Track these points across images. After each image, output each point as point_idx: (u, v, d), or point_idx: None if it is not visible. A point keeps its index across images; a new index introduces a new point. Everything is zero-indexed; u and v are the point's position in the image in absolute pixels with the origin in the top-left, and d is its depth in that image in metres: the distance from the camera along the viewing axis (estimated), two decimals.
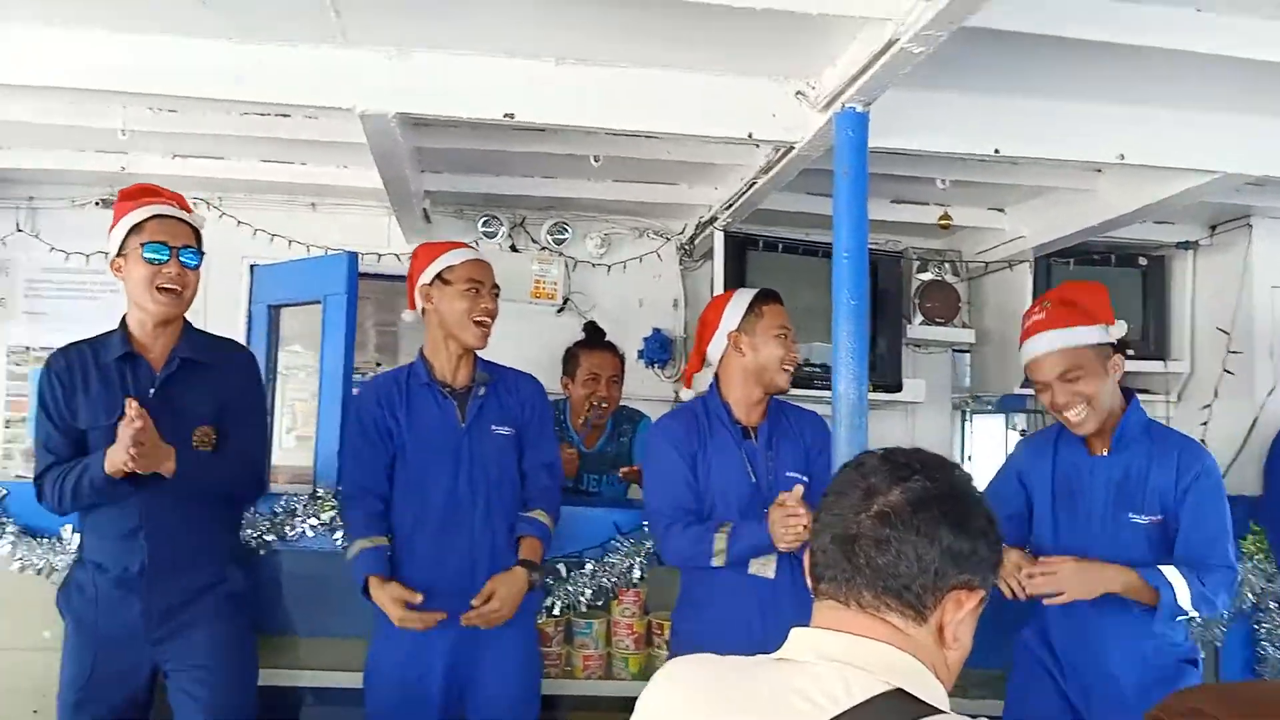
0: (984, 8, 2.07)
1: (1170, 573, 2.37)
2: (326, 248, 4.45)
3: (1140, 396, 4.04)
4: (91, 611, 2.42)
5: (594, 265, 4.67)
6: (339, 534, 3.01)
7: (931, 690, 1.16)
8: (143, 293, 2.41)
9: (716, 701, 1.18)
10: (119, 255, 2.44)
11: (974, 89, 2.88)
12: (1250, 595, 3.20)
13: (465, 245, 2.84)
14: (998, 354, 4.59)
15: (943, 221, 4.08)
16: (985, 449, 6.63)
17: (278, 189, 4.34)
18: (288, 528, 3.08)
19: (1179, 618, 2.44)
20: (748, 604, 2.55)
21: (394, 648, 2.61)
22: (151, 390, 2.43)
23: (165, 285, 2.41)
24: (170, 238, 2.43)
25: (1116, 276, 4.35)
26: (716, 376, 2.76)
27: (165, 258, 2.41)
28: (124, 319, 2.50)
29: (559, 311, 4.62)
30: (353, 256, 3.96)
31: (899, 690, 1.11)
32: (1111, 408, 2.54)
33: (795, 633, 1.24)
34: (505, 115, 2.79)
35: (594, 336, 4.16)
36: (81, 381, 2.43)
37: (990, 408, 5.44)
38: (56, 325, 4.43)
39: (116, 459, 2.25)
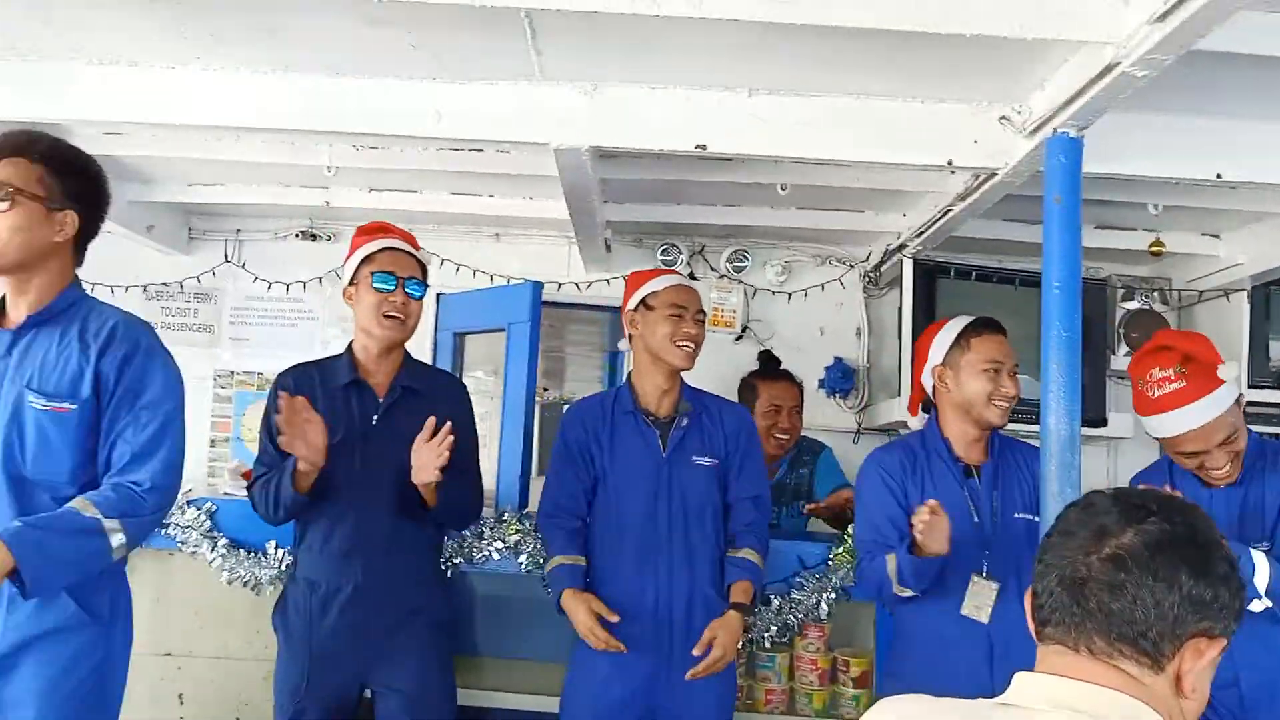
0: (1214, 30, 1.95)
1: (1256, 554, 2.29)
2: (509, 277, 4.58)
3: None
4: (304, 628, 2.51)
5: (774, 293, 4.63)
6: (524, 556, 3.06)
7: None
8: (370, 319, 2.54)
9: None
10: (351, 284, 2.60)
11: (1195, 111, 2.73)
12: None
13: (671, 271, 2.87)
14: None
15: (1154, 248, 3.85)
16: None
17: (464, 220, 4.49)
18: (475, 550, 3.13)
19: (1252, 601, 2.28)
20: (971, 649, 2.42)
21: (591, 675, 2.62)
22: (375, 417, 2.55)
23: (390, 313, 2.53)
24: (398, 269, 2.56)
25: None
26: (935, 409, 2.65)
27: (392, 287, 2.53)
28: (350, 346, 2.63)
29: (737, 340, 4.60)
30: (537, 286, 4.05)
31: None
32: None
33: (1020, 678, 1.19)
34: (697, 147, 2.80)
35: (769, 366, 4.11)
36: (310, 400, 2.50)
37: None
38: (258, 351, 4.76)
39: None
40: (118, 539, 1.91)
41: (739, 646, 2.70)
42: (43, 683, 1.94)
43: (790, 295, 4.62)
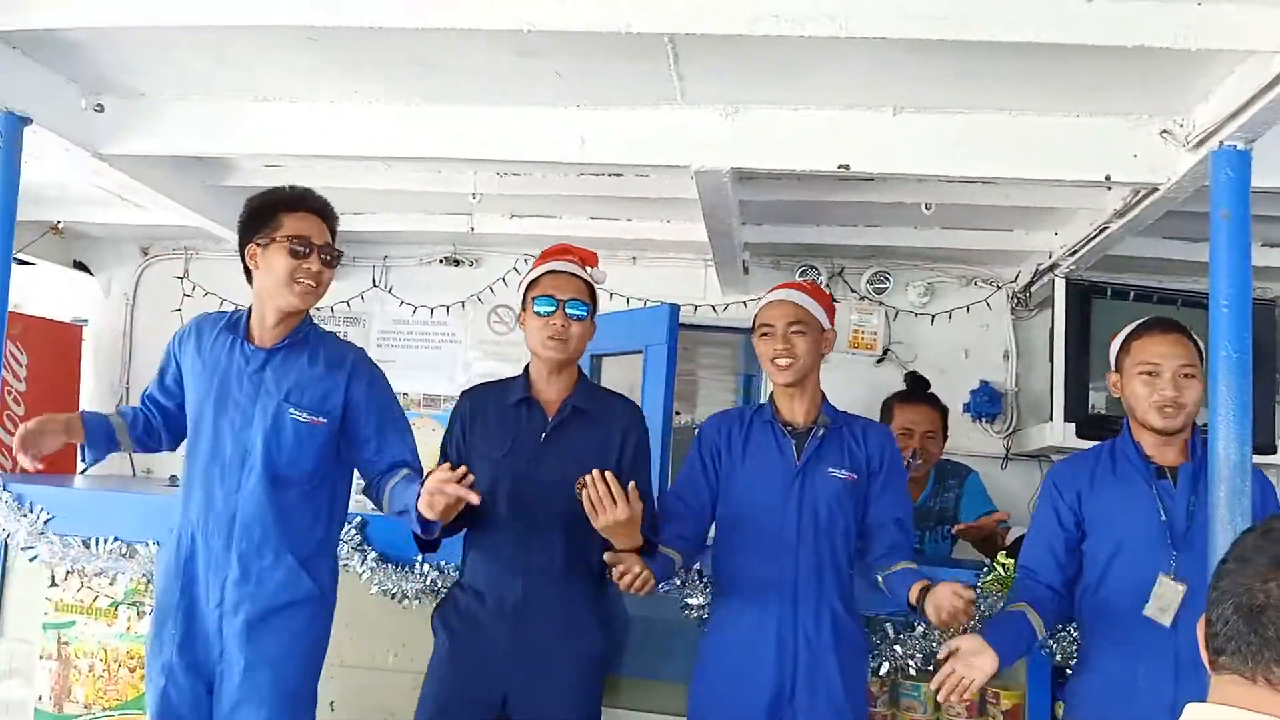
0: None
1: None
2: (645, 300, 4.62)
3: None
4: (466, 632, 2.55)
5: (916, 314, 4.54)
6: None
7: None
8: (535, 342, 2.58)
9: None
10: (522, 310, 2.64)
11: None
12: None
13: (777, 286, 2.77)
14: None
15: None
16: None
17: (602, 244, 4.50)
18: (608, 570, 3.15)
19: None
20: (1156, 658, 2.33)
21: (714, 690, 2.59)
22: (544, 435, 2.57)
23: (551, 335, 2.54)
24: (558, 291, 2.56)
25: None
26: (1128, 416, 2.57)
27: (553, 309, 2.54)
28: (526, 366, 2.68)
29: (878, 362, 4.52)
30: (674, 309, 4.08)
31: None
32: None
33: (1192, 709, 1.14)
34: (840, 166, 2.79)
35: (913, 388, 4.00)
36: (483, 415, 2.61)
37: None
38: (404, 373, 4.89)
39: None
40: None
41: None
42: (282, 647, 2.41)
43: (934, 317, 4.52)
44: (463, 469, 2.26)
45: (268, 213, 2.41)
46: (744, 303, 4.64)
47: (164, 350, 2.60)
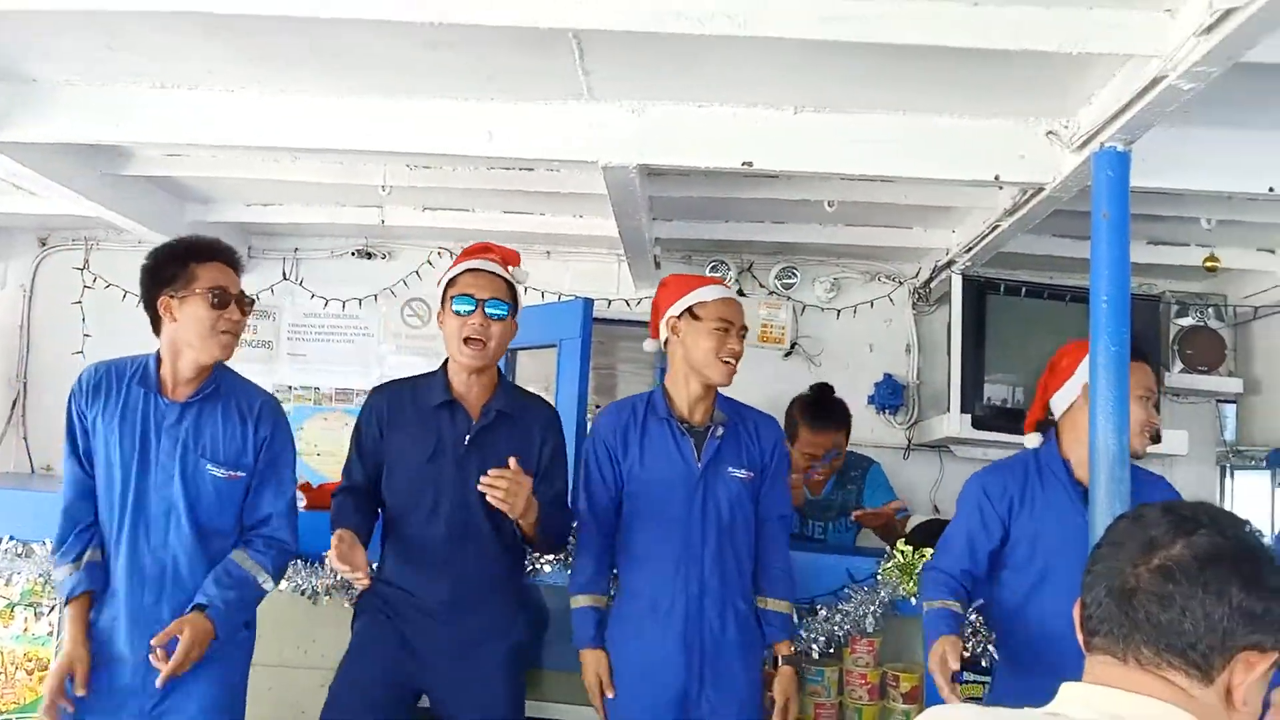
0: (1261, 42, 1.95)
1: None
2: (559, 294, 4.65)
3: None
4: (391, 617, 2.55)
5: (823, 309, 4.65)
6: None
7: None
8: (453, 343, 2.55)
9: None
10: (441, 309, 2.61)
11: (1245, 124, 2.71)
12: None
13: (719, 282, 2.78)
14: (1269, 405, 4.24)
15: (1209, 264, 3.80)
16: (1249, 509, 6.07)
17: (516, 238, 4.51)
18: (526, 562, 3.16)
19: None
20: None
21: (624, 690, 2.61)
22: (467, 438, 2.55)
23: (470, 335, 2.51)
24: (478, 290, 2.53)
25: None
26: (1057, 429, 2.59)
27: (471, 308, 2.51)
28: (444, 365, 2.65)
29: (786, 356, 4.61)
30: (588, 302, 4.11)
31: None
32: None
33: (1067, 687, 1.19)
34: (744, 164, 2.83)
35: (819, 407, 3.89)
36: (402, 416, 2.58)
37: (1255, 464, 4.98)
38: (315, 366, 4.88)
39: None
40: (269, 586, 2.45)
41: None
42: (211, 683, 2.38)
43: (839, 312, 4.63)
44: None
45: (178, 264, 2.35)
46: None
47: (66, 417, 2.44)
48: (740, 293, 4.60)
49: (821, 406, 3.89)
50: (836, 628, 3.03)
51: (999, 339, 3.91)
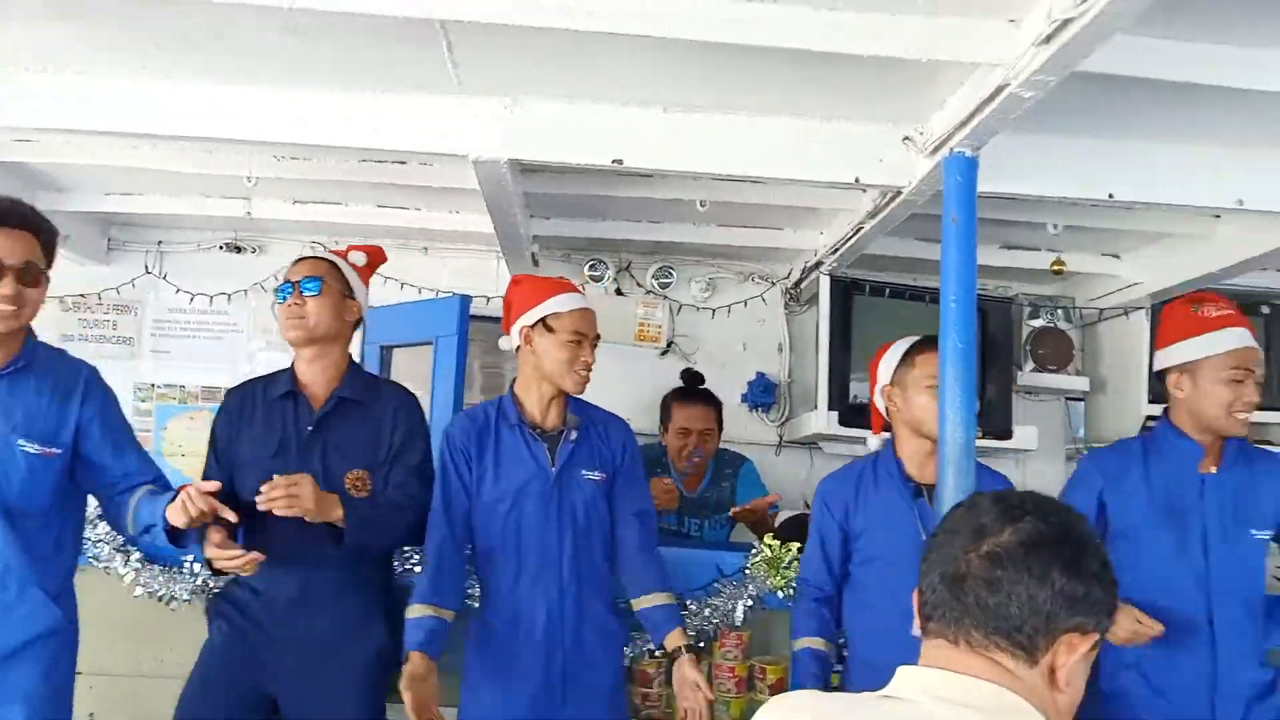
0: (1096, 52, 2.05)
1: None
2: (437, 290, 4.60)
3: (1267, 448, 3.83)
4: (239, 621, 2.50)
5: (698, 309, 4.71)
6: None
7: None
8: (282, 329, 2.57)
9: None
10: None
11: (1087, 133, 2.83)
12: None
13: (573, 289, 2.78)
14: (1113, 403, 4.46)
15: (1056, 267, 4.00)
16: None
17: (392, 233, 4.48)
18: (395, 562, 3.11)
19: None
20: None
21: (479, 698, 2.59)
22: (310, 428, 2.52)
23: (287, 316, 2.54)
24: (293, 274, 2.58)
25: None
26: (891, 430, 2.69)
27: (289, 292, 2.55)
28: (293, 360, 2.64)
29: (662, 354, 4.66)
30: (465, 299, 4.09)
31: None
32: None
33: (902, 671, 1.23)
34: (614, 161, 2.85)
35: (689, 386, 4.13)
36: (250, 415, 2.56)
37: None
38: (180, 363, 4.71)
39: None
40: None
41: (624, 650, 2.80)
42: (35, 681, 2.26)
43: (714, 311, 4.70)
44: (215, 485, 2.27)
45: None
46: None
47: None
48: (618, 291, 4.64)
49: (689, 385, 4.09)
50: (706, 622, 3.08)
51: (864, 338, 4.03)
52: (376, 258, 2.84)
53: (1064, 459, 4.64)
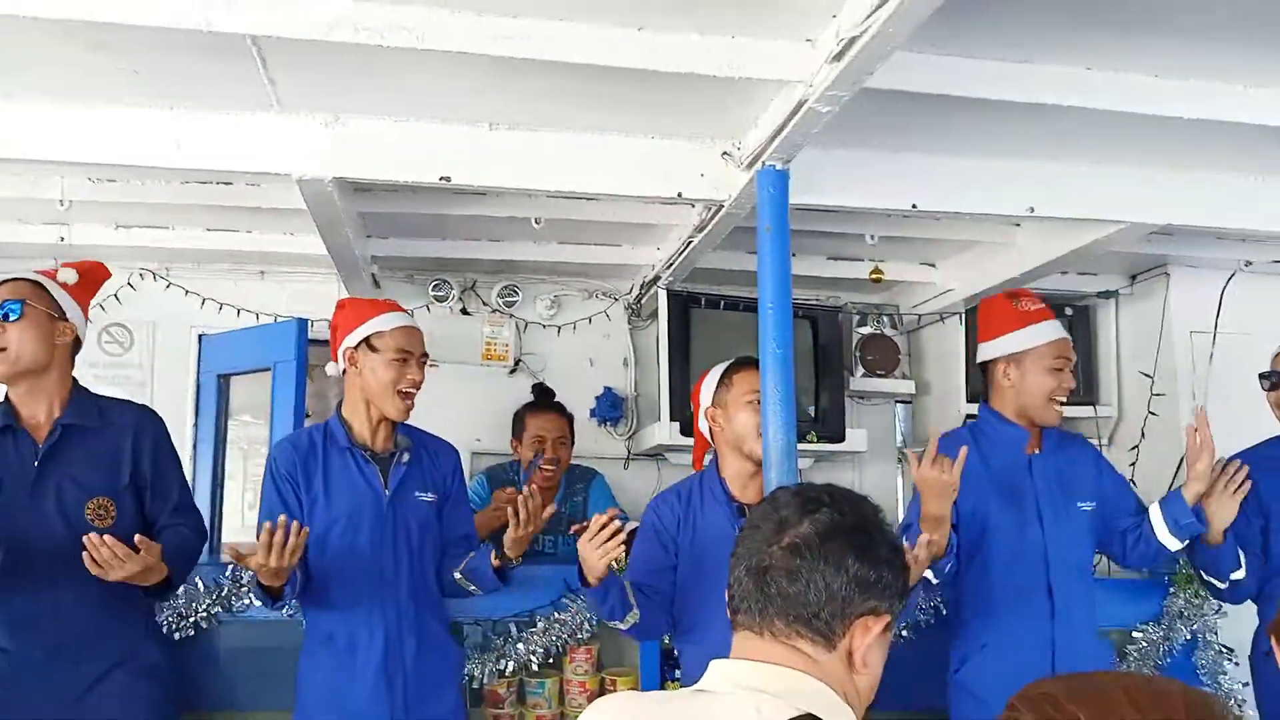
0: (881, 68, 2.18)
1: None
2: (276, 315, 4.49)
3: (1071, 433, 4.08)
4: None
5: (544, 326, 4.73)
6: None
7: (841, 714, 1.20)
8: None
9: None
10: None
11: (890, 147, 3.00)
12: (1186, 632, 3.24)
13: (395, 307, 2.78)
14: (937, 404, 4.69)
15: (874, 276, 4.20)
16: None
17: (225, 257, 4.38)
18: (234, 599, 2.98)
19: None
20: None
21: None
22: (35, 463, 2.35)
23: None
24: None
25: None
26: (716, 453, 2.75)
27: None
28: (6, 393, 2.44)
29: (511, 373, 4.65)
30: (302, 323, 4.01)
31: (809, 715, 1.15)
32: None
33: (714, 664, 1.27)
34: (441, 179, 2.86)
35: (541, 399, 4.18)
36: None
37: None
38: None
39: None
40: None
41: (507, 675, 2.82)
42: None
43: (560, 328, 4.73)
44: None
45: None
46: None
47: None
48: (464, 311, 4.63)
49: (541, 394, 4.17)
50: (555, 638, 3.10)
51: (703, 349, 4.14)
52: (94, 273, 2.70)
53: (894, 460, 4.86)
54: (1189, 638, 3.13)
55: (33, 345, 2.39)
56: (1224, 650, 3.22)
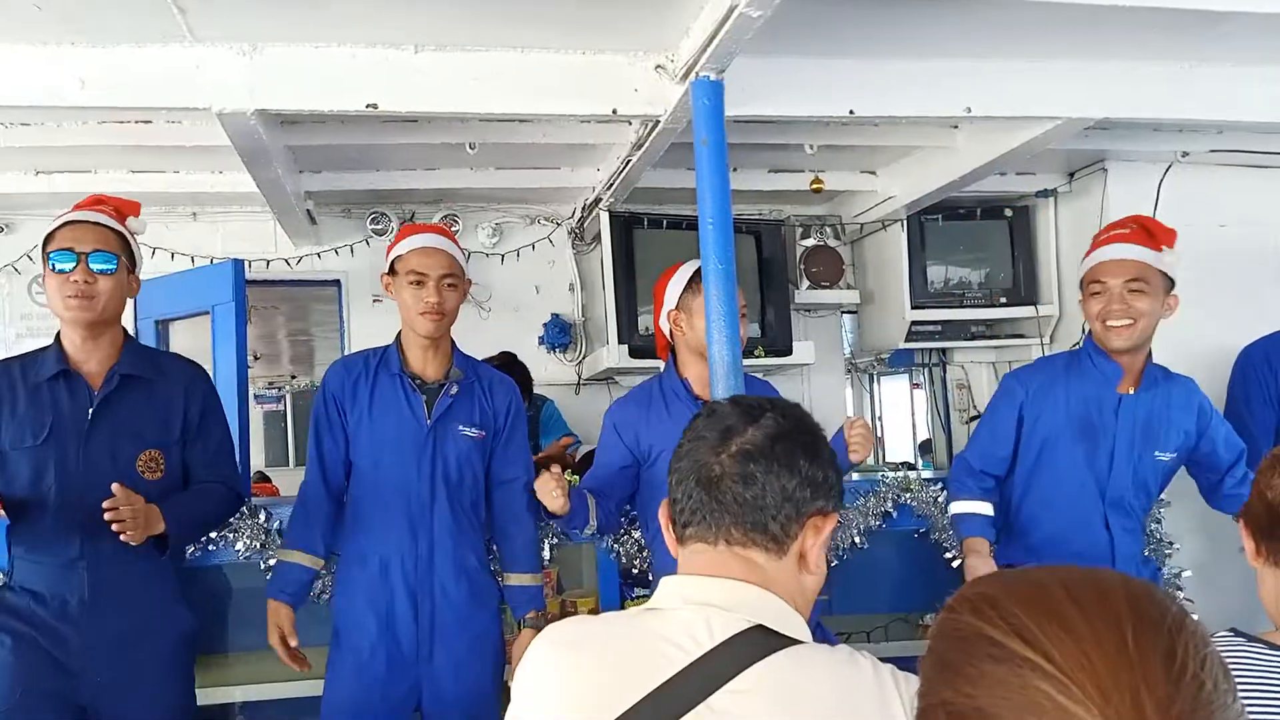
0: None
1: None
2: (211, 257, 4.39)
3: (1015, 341, 4.17)
4: (28, 635, 2.28)
5: (488, 255, 4.67)
6: (240, 545, 2.90)
7: (790, 622, 1.20)
8: (56, 304, 2.30)
9: (593, 659, 1.21)
10: (43, 274, 2.33)
11: (827, 53, 2.95)
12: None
13: (427, 229, 2.67)
14: (881, 313, 4.71)
15: (815, 186, 4.17)
16: (893, 408, 6.89)
17: (154, 200, 4.20)
18: (207, 542, 2.94)
19: None
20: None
21: (353, 656, 2.53)
22: (90, 411, 2.31)
23: (72, 294, 2.27)
24: (78, 243, 2.29)
25: (985, 228, 4.53)
26: (673, 352, 2.74)
27: (72, 264, 2.27)
28: (57, 336, 2.37)
29: None
30: (238, 264, 3.92)
31: (759, 626, 1.16)
32: (1147, 343, 2.65)
33: (664, 581, 1.27)
34: (368, 106, 2.79)
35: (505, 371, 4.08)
36: (10, 399, 2.31)
37: (886, 367, 5.60)
38: None
39: None
40: None
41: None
42: None
43: (504, 256, 4.68)
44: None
45: None
46: (318, 254, 4.56)
47: None
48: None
49: (507, 367, 3.96)
50: None
51: (648, 270, 4.12)
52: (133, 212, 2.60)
53: (842, 370, 4.91)
54: None
55: (118, 297, 2.35)
56: (1165, 541, 3.30)
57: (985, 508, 2.75)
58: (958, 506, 2.81)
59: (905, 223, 4.36)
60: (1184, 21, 2.73)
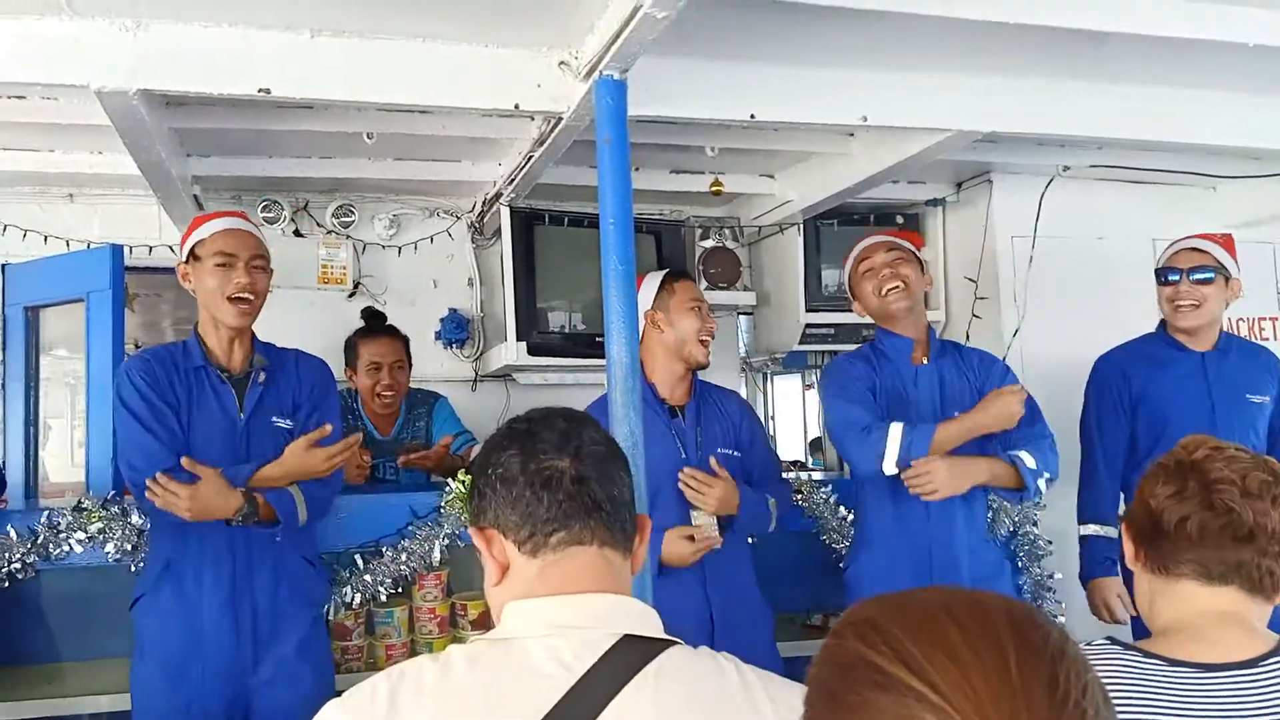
0: None
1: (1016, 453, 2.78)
2: (89, 241, 4.21)
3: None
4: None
5: (384, 247, 4.58)
6: (110, 545, 2.81)
7: (650, 622, 1.18)
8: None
9: (459, 702, 1.12)
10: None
11: (730, 57, 2.96)
12: (1009, 523, 3.43)
13: (226, 214, 2.64)
14: (776, 315, 4.77)
15: (715, 188, 4.20)
16: (785, 407, 7.02)
17: (27, 179, 4.05)
18: (52, 546, 2.82)
19: (1040, 479, 2.78)
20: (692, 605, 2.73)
21: (156, 674, 2.44)
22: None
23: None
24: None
25: None
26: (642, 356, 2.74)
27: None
28: None
29: (350, 297, 4.50)
30: (117, 249, 3.77)
31: (627, 636, 1.13)
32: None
33: (509, 608, 1.19)
34: (260, 90, 2.69)
35: (372, 323, 4.05)
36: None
37: (780, 368, 5.68)
38: None
39: None
40: None
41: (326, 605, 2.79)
42: None
43: (400, 249, 4.59)
44: None
45: None
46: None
47: None
48: (297, 233, 4.42)
49: (372, 318, 4.05)
50: (404, 567, 3.04)
51: (549, 268, 4.10)
52: None
53: (737, 370, 4.96)
54: (1010, 530, 3.32)
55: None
56: (1041, 540, 3.43)
57: None
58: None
59: (801, 227, 4.42)
60: (1069, 41, 2.82)
